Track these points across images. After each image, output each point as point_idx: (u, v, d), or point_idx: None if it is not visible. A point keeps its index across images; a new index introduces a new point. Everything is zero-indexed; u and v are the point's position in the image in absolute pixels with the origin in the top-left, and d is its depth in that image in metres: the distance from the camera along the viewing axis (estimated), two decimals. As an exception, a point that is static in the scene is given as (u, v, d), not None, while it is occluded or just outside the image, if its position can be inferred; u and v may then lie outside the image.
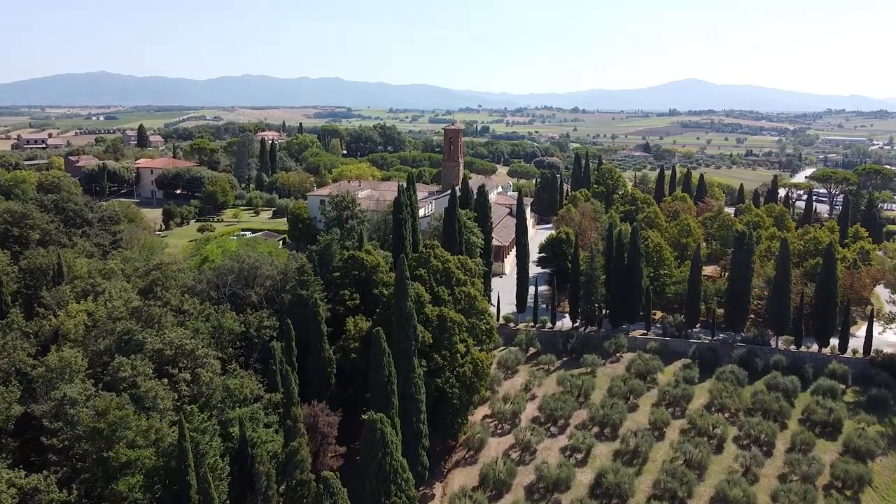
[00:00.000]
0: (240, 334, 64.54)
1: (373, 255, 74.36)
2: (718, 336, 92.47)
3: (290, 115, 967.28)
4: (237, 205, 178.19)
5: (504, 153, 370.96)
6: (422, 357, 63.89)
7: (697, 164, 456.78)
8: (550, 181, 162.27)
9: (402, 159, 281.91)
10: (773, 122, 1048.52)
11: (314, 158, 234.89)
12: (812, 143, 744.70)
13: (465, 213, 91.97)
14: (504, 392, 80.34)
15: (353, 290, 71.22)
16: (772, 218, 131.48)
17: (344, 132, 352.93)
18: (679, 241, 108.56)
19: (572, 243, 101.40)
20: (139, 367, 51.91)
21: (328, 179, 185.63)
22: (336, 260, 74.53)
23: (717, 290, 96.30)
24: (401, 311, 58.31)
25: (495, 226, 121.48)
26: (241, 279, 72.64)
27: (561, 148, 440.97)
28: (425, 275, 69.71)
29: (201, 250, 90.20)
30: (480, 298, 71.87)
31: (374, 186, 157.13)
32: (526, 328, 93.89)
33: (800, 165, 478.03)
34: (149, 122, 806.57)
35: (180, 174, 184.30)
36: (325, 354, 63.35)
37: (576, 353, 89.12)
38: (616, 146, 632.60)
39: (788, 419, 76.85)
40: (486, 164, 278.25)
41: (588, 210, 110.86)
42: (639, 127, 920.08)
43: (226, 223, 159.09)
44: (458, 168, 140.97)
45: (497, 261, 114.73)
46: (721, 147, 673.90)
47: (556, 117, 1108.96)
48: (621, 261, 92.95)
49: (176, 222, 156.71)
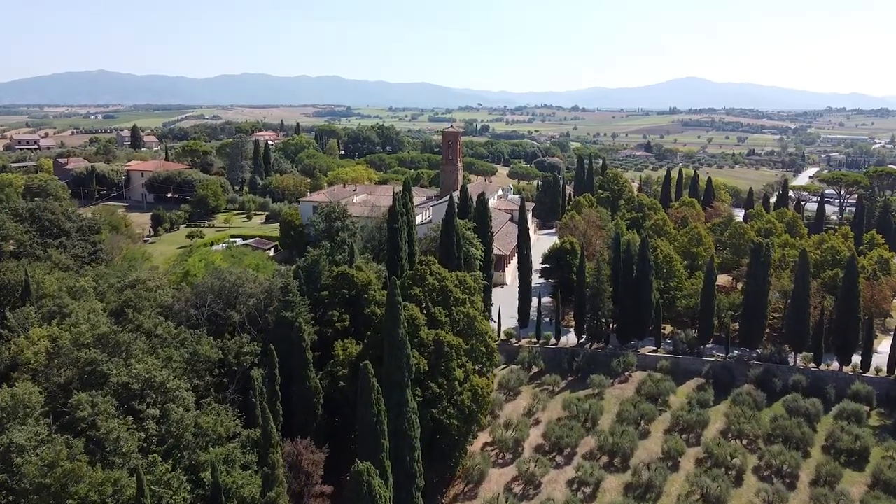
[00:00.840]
0: (218, 361, 59.11)
1: (364, 271, 69.00)
2: (733, 353, 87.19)
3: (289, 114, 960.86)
4: (230, 209, 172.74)
5: (504, 153, 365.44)
6: (416, 385, 58.61)
7: (700, 163, 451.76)
8: (552, 185, 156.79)
9: (401, 160, 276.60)
10: (773, 120, 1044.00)
11: (310, 160, 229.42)
12: (813, 142, 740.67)
13: (463, 224, 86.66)
14: (506, 417, 75.00)
15: (342, 311, 65.85)
16: (784, 224, 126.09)
17: (342, 132, 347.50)
18: (689, 251, 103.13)
19: (577, 254, 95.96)
20: (100, 404, 46.55)
21: (323, 182, 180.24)
22: (324, 277, 69.14)
23: (730, 303, 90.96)
24: (392, 339, 52.91)
25: (496, 234, 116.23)
26: (222, 298, 67.20)
27: (562, 148, 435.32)
28: (420, 294, 64.34)
29: (183, 263, 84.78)
30: (480, 319, 66.52)
31: (369, 191, 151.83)
32: (528, 344, 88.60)
33: (803, 165, 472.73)
34: (147, 121, 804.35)
35: (171, 177, 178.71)
36: (310, 384, 58.02)
37: (582, 372, 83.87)
38: (617, 145, 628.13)
39: (811, 447, 71.63)
40: (486, 165, 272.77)
41: (593, 218, 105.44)
42: (639, 125, 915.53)
43: (217, 228, 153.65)
44: (456, 172, 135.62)
45: (498, 270, 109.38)
46: (722, 146, 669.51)
47: (556, 116, 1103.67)
48: (630, 273, 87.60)
49: (165, 228, 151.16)
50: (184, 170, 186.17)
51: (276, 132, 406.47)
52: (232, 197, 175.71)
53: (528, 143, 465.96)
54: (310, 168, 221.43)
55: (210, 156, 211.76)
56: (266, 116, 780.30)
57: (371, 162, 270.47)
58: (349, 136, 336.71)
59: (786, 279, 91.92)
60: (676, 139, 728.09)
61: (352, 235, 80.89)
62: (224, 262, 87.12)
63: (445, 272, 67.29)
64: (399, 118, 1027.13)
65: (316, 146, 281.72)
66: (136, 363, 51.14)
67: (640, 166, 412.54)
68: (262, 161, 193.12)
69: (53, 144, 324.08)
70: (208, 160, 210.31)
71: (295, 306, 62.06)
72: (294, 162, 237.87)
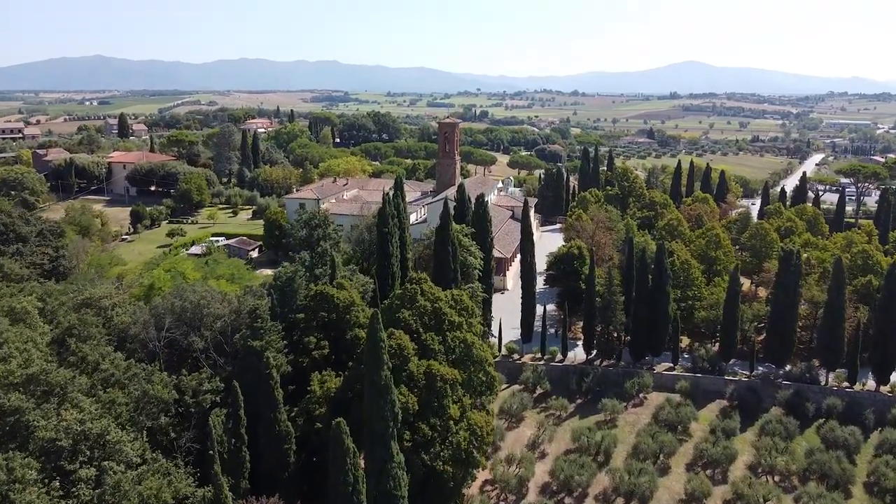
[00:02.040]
0: (174, 401, 50.69)
1: (346, 289, 60.49)
2: (758, 369, 79.03)
3: (286, 100, 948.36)
4: (215, 203, 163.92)
5: (504, 140, 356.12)
6: (405, 426, 50.27)
7: (703, 150, 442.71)
8: (556, 178, 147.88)
9: (397, 149, 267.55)
10: (775, 105, 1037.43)
11: (302, 150, 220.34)
12: (816, 127, 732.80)
13: (460, 229, 78.06)
14: (508, 449, 66.75)
15: (321, 336, 57.38)
16: (804, 221, 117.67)
17: (337, 120, 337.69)
18: (706, 254, 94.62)
19: (585, 260, 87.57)
20: (18, 469, 38.23)
21: (314, 175, 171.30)
22: (301, 296, 60.59)
23: (755, 315, 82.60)
24: (374, 383, 44.49)
25: (496, 234, 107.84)
26: (185, 321, 58.79)
27: (562, 135, 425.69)
28: (410, 318, 55.83)
29: (148, 274, 76.21)
30: (479, 345, 58.06)
31: (361, 185, 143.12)
32: (533, 361, 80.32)
33: (808, 152, 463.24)
34: (143, 107, 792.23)
35: (154, 169, 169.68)
36: (280, 428, 49.65)
37: (592, 394, 75.69)
38: (617, 131, 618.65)
39: (852, 485, 63.68)
40: (485, 154, 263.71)
41: (602, 218, 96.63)
42: (640, 110, 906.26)
43: (200, 225, 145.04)
44: (454, 166, 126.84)
45: (498, 274, 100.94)
46: (724, 131, 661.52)
47: (556, 101, 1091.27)
48: (644, 283, 79.12)
49: (145, 225, 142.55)
50: (168, 162, 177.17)
51: (270, 119, 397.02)
52: (218, 190, 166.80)
53: (528, 130, 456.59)
54: (301, 159, 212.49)
55: (196, 146, 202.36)
56: (263, 102, 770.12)
57: (366, 151, 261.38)
58: (344, 124, 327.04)
59: (813, 287, 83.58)
60: (678, 124, 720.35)
61: (334, 245, 72.17)
62: (195, 271, 78.67)
63: (439, 291, 58.72)
64: (397, 103, 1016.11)
65: (309, 135, 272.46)
66: (68, 412, 42.71)
67: (643, 153, 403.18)
68: (250, 152, 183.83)
69: (38, 133, 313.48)
70: (195, 151, 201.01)
71: (265, 334, 53.62)
72: (286, 152, 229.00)
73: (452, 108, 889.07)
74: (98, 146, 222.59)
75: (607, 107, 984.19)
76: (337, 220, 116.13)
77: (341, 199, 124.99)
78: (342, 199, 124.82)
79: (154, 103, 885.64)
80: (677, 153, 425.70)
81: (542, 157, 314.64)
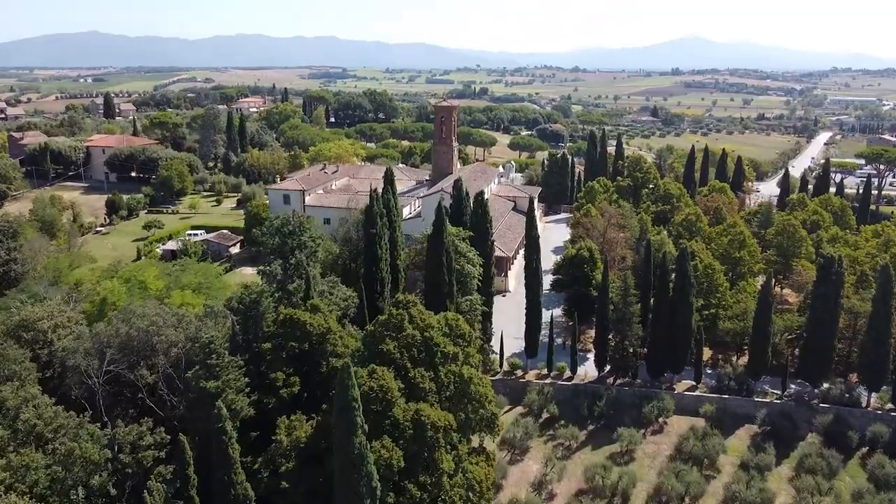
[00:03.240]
0: (108, 459, 41.94)
1: (322, 311, 51.53)
2: (790, 387, 70.31)
3: (283, 76, 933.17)
4: (199, 191, 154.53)
5: (504, 120, 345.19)
6: (389, 489, 41.66)
7: (708, 129, 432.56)
8: (560, 164, 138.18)
9: (393, 130, 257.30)
10: (778, 81, 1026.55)
11: (293, 132, 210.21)
12: (821, 104, 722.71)
13: (457, 232, 68.95)
14: (510, 492, 58.19)
15: (290, 371, 48.50)
16: (829, 213, 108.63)
17: (332, 99, 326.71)
18: (729, 255, 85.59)
19: (597, 263, 78.58)
20: None
21: (304, 160, 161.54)
22: (269, 321, 51.60)
23: (786, 326, 73.70)
24: (346, 453, 35.80)
25: (496, 229, 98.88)
26: (131, 351, 49.93)
27: (564, 113, 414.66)
28: (396, 351, 46.93)
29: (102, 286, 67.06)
30: (478, 379, 49.17)
31: (353, 172, 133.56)
32: (538, 379, 71.69)
33: (815, 130, 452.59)
34: (138, 84, 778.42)
35: (134, 154, 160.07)
36: (236, 492, 40.87)
37: (606, 419, 67.12)
38: (619, 108, 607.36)
39: (909, 534, 54.98)
40: (485, 136, 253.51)
41: (614, 215, 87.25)
42: (641, 87, 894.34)
43: (181, 215, 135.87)
44: (451, 153, 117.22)
45: (499, 274, 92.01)
46: (728, 108, 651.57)
47: (556, 77, 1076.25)
48: (664, 291, 70.21)
49: (121, 215, 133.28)
50: (149, 146, 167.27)
51: (264, 98, 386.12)
52: (201, 177, 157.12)
53: (529, 108, 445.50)
54: (292, 141, 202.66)
55: (181, 129, 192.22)
56: (260, 79, 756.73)
57: (361, 132, 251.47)
58: (339, 104, 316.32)
59: (852, 295, 74.60)
60: (680, 101, 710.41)
61: (311, 255, 62.69)
62: (158, 279, 69.54)
63: (430, 317, 49.69)
64: (396, 80, 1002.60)
65: (302, 115, 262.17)
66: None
67: (647, 133, 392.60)
68: (236, 135, 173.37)
69: (23, 114, 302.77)
70: (180, 134, 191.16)
71: (221, 371, 44.75)
72: (277, 133, 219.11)
73: (452, 84, 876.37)
74: (80, 128, 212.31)
75: (608, 83, 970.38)
76: (324, 215, 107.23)
77: (329, 189, 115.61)
78: (330, 190, 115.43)
79: (150, 80, 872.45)
80: (682, 132, 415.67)
81: (543, 137, 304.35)
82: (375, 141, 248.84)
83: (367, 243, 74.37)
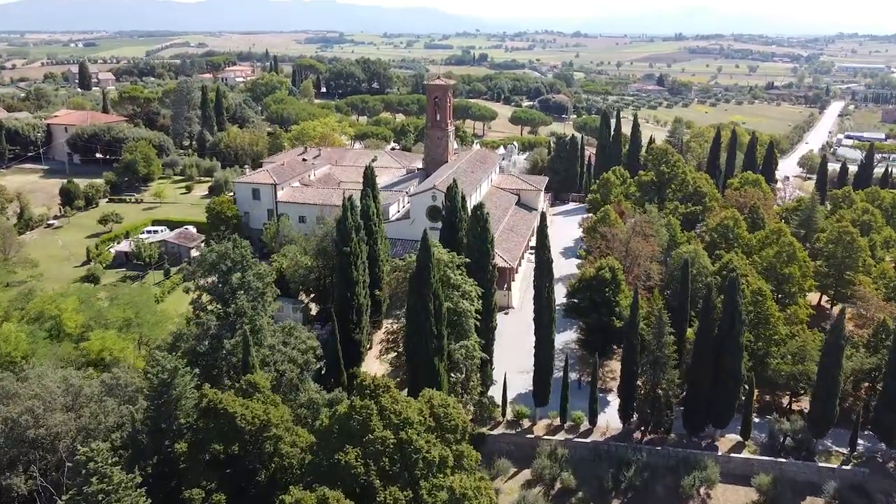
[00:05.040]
0: None
1: (262, 393, 37.69)
2: (858, 446, 56.95)
3: (279, 41, 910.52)
4: (169, 175, 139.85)
5: (504, 89, 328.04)
6: None
7: (716, 99, 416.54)
8: (569, 147, 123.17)
9: (387, 103, 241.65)
10: (783, 47, 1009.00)
11: (278, 106, 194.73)
12: (828, 72, 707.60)
13: (449, 259, 54.84)
14: None
15: (212, 486, 34.75)
16: (880, 210, 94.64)
17: (323, 69, 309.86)
18: (775, 269, 71.64)
19: (620, 285, 64.59)
20: None
21: (284, 140, 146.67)
22: (189, 406, 37.74)
23: (856, 369, 60.04)
24: None
25: (498, 230, 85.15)
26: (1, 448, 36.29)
27: (567, 82, 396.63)
28: (358, 464, 33.10)
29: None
30: (473, 493, 35.30)
31: (337, 157, 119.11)
32: (549, 434, 58.40)
33: (827, 100, 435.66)
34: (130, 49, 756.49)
35: (98, 133, 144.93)
36: None
37: (634, 491, 53.71)
38: (622, 76, 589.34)
39: None
40: (485, 109, 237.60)
41: (640, 223, 72.60)
42: (644, 53, 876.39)
43: (145, 205, 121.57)
44: (445, 138, 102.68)
45: (500, 287, 78.18)
46: (733, 76, 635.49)
47: (557, 42, 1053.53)
48: (708, 330, 56.37)
49: (78, 206, 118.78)
50: (115, 123, 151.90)
51: (253, 66, 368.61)
52: (172, 160, 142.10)
53: (530, 76, 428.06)
54: (276, 116, 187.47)
55: (154, 104, 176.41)
56: (255, 44, 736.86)
57: (352, 105, 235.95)
58: (331, 73, 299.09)
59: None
60: (684, 68, 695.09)
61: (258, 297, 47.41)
62: (78, 313, 55.63)
63: (408, 406, 35.71)
64: (394, 45, 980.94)
65: (290, 87, 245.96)
66: None
67: (653, 103, 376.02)
68: (211, 112, 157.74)
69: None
70: (153, 109, 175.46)
71: (109, 496, 31.04)
72: (262, 107, 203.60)
73: (451, 49, 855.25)
74: (47, 101, 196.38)
75: (611, 48, 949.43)
76: (299, 212, 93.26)
77: (307, 180, 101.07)
78: (308, 182, 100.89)
79: (142, 45, 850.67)
80: (689, 102, 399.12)
81: (546, 108, 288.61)
82: (368, 114, 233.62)
83: (339, 265, 60.64)
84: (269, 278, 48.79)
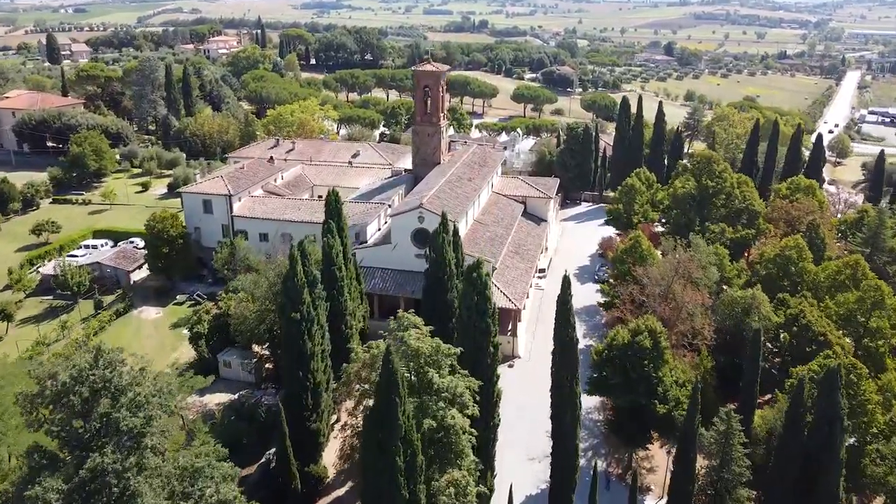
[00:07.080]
0: None
1: None
2: None
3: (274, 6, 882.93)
4: (127, 168, 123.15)
5: (506, 60, 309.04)
6: None
7: (728, 70, 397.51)
8: (582, 140, 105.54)
9: (379, 78, 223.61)
10: (791, 12, 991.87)
11: (257, 84, 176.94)
12: (839, 38, 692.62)
13: (433, 349, 38.71)
14: None
15: None
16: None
17: (312, 39, 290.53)
18: (854, 319, 55.65)
19: (663, 354, 48.43)
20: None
21: (258, 128, 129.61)
22: None
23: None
24: None
25: (500, 254, 69.32)
26: None
27: (570, 51, 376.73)
28: None
29: None
30: None
31: (314, 151, 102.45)
32: (572, 570, 42.68)
33: (843, 70, 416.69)
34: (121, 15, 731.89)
35: (47, 120, 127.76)
36: None
37: None
38: (627, 42, 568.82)
39: None
40: (484, 85, 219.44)
41: (684, 262, 55.47)
42: (648, 18, 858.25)
43: (93, 207, 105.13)
44: (437, 136, 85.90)
45: (503, 332, 62.43)
46: (741, 43, 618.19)
47: (560, 7, 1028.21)
48: (796, 434, 40.66)
49: (14, 209, 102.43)
50: (67, 108, 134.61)
51: (240, 35, 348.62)
52: (131, 150, 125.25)
53: (533, 45, 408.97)
54: (255, 95, 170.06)
55: (114, 83, 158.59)
56: (250, 10, 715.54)
57: (342, 80, 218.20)
58: (321, 44, 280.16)
59: None
60: (690, 35, 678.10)
61: (135, 452, 29.44)
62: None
63: None
64: (392, 10, 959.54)
65: (275, 59, 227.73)
66: None
67: (663, 74, 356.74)
68: (178, 94, 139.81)
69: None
70: (117, 89, 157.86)
71: None
72: (242, 84, 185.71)
73: (450, 15, 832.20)
74: (5, 79, 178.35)
75: (614, 14, 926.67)
76: (259, 228, 76.96)
77: (271, 186, 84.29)
78: (273, 188, 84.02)
79: (134, 11, 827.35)
80: (700, 73, 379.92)
81: (550, 82, 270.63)
82: (358, 91, 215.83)
83: (286, 335, 44.85)
84: (165, 406, 31.34)
